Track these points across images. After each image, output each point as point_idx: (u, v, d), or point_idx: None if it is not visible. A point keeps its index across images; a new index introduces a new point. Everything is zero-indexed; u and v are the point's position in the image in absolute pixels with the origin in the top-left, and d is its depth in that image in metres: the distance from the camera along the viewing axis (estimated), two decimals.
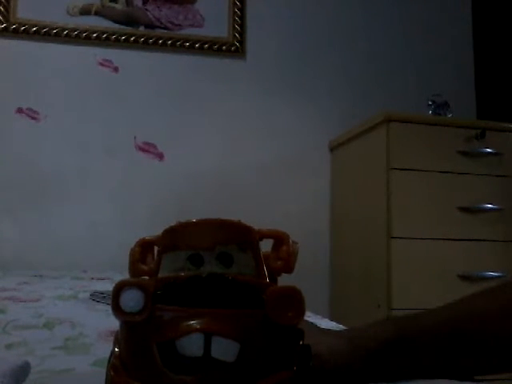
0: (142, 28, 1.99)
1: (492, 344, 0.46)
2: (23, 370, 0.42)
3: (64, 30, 1.91)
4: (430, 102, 1.87)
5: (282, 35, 2.11)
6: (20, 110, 1.86)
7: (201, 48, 2.02)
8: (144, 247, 0.33)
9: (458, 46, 2.28)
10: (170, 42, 1.99)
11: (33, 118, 1.87)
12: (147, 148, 1.94)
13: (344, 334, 0.50)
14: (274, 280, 0.32)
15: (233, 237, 0.30)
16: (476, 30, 2.29)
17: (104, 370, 0.31)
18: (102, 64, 1.95)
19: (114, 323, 0.31)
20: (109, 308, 0.31)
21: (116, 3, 1.99)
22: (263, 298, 0.29)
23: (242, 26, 2.06)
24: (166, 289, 0.29)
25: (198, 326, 0.27)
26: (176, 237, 0.30)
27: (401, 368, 0.45)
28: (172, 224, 0.31)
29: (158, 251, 0.31)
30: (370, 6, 2.20)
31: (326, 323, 0.78)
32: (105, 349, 0.59)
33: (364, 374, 0.45)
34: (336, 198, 2.02)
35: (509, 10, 2.12)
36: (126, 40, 1.96)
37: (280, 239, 0.33)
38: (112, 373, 0.30)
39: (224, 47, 2.03)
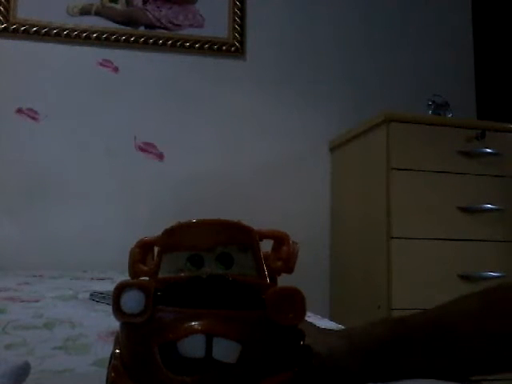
0: (142, 28, 1.99)
1: (478, 343, 0.46)
2: (23, 370, 0.42)
3: (64, 30, 1.91)
4: (430, 102, 1.86)
5: (282, 35, 2.11)
6: (20, 110, 1.86)
7: (201, 48, 2.01)
8: (144, 248, 0.33)
9: (458, 46, 2.27)
10: (170, 42, 1.99)
11: (33, 118, 1.87)
12: (147, 148, 1.94)
13: (343, 333, 0.50)
14: (274, 280, 0.32)
15: (233, 237, 0.30)
16: (476, 30, 2.29)
17: (104, 370, 0.31)
18: (101, 64, 1.95)
19: (114, 323, 0.31)
20: (109, 308, 0.31)
21: (116, 3, 1.98)
22: (264, 298, 0.28)
23: (242, 26, 2.06)
24: (167, 290, 0.29)
25: (200, 328, 0.27)
26: (176, 237, 0.30)
27: (398, 368, 0.45)
28: (172, 224, 0.31)
29: (158, 252, 0.31)
30: (369, 6, 2.20)
31: (325, 323, 0.78)
32: (105, 349, 0.59)
33: (363, 374, 0.45)
34: (336, 197, 2.02)
35: (509, 10, 2.12)
36: (126, 40, 1.96)
37: (280, 239, 0.33)
38: (113, 374, 0.30)
39: (224, 47, 2.03)
